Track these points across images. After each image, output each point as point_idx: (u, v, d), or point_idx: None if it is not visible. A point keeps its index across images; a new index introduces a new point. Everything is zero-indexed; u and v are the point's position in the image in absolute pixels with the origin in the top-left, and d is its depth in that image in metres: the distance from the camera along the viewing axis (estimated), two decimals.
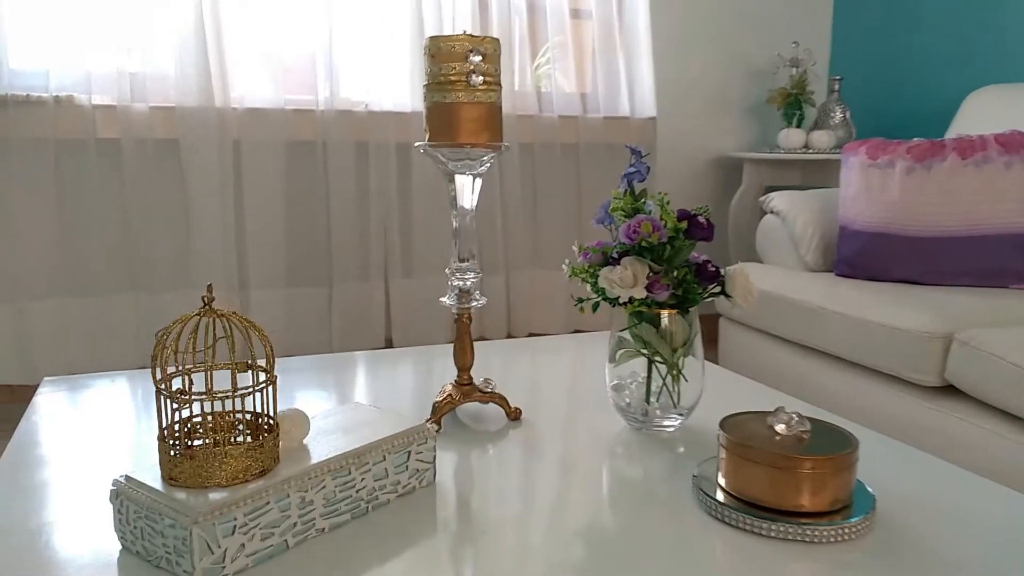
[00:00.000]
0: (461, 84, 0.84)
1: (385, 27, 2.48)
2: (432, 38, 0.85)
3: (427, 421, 0.91)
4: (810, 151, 2.92)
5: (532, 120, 2.68)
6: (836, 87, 3.03)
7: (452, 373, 0.96)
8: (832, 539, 0.66)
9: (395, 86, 2.50)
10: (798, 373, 2.02)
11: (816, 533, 0.65)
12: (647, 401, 0.90)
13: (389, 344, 2.58)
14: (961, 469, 0.84)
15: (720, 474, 0.72)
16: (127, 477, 0.63)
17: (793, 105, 3.01)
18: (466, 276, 0.92)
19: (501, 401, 0.96)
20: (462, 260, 0.92)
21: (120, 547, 0.65)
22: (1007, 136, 1.98)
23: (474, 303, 0.92)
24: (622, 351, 0.90)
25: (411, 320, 2.57)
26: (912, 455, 0.89)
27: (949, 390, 1.62)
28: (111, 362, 2.28)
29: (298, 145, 2.46)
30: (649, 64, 2.81)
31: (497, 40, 0.87)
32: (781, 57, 3.05)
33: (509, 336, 2.71)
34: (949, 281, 1.95)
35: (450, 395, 0.93)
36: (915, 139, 2.10)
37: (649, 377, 0.90)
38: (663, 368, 0.89)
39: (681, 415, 0.91)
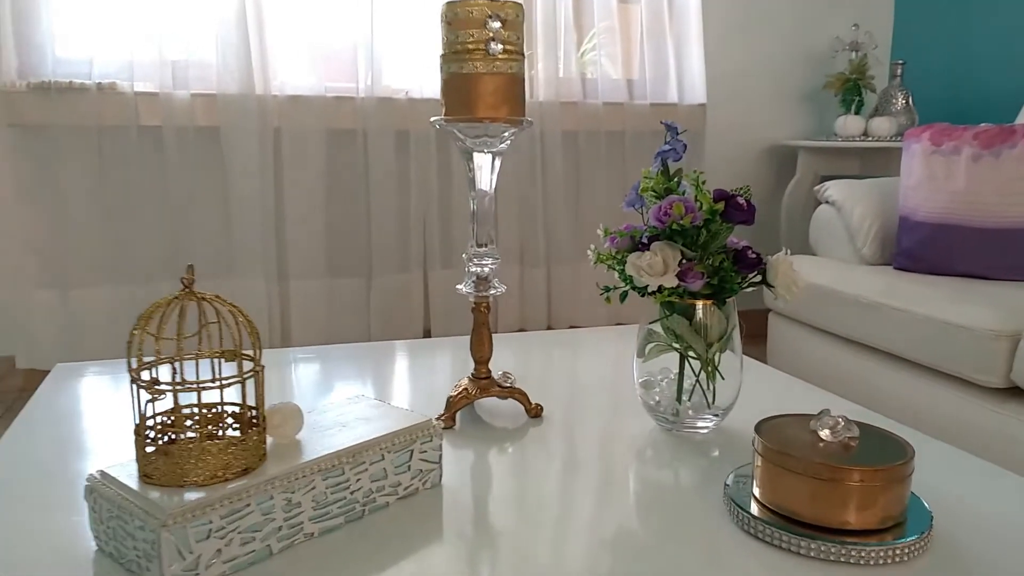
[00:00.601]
0: (479, 53, 0.78)
1: (427, 14, 2.43)
2: (448, 3, 0.79)
3: (440, 416, 0.85)
4: (869, 139, 2.78)
5: (576, 107, 2.60)
6: (898, 72, 2.88)
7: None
8: (881, 561, 0.57)
9: (436, 74, 2.45)
10: (852, 372, 1.90)
11: (863, 554, 0.57)
12: (678, 400, 0.83)
13: (427, 335, 2.54)
14: None
15: (755, 484, 0.64)
16: (102, 473, 0.59)
17: (852, 91, 2.87)
18: (484, 262, 0.85)
19: (521, 397, 0.89)
20: (480, 245, 0.86)
21: (95, 547, 0.60)
22: None
23: (492, 291, 0.86)
24: (652, 345, 0.82)
25: (450, 311, 2.52)
26: (977, 465, 0.80)
27: (1015, 392, 1.51)
28: (152, 349, 2.28)
29: (338, 133, 2.42)
30: (700, 49, 2.70)
31: (519, 5, 0.80)
32: (840, 40, 2.91)
33: (549, 329, 2.64)
34: (1017, 276, 1.82)
35: (466, 389, 0.87)
36: (983, 124, 1.96)
37: (681, 374, 0.82)
38: (696, 364, 0.81)
39: (716, 416, 0.83)
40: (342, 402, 0.74)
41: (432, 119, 0.84)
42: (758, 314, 2.84)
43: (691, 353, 0.81)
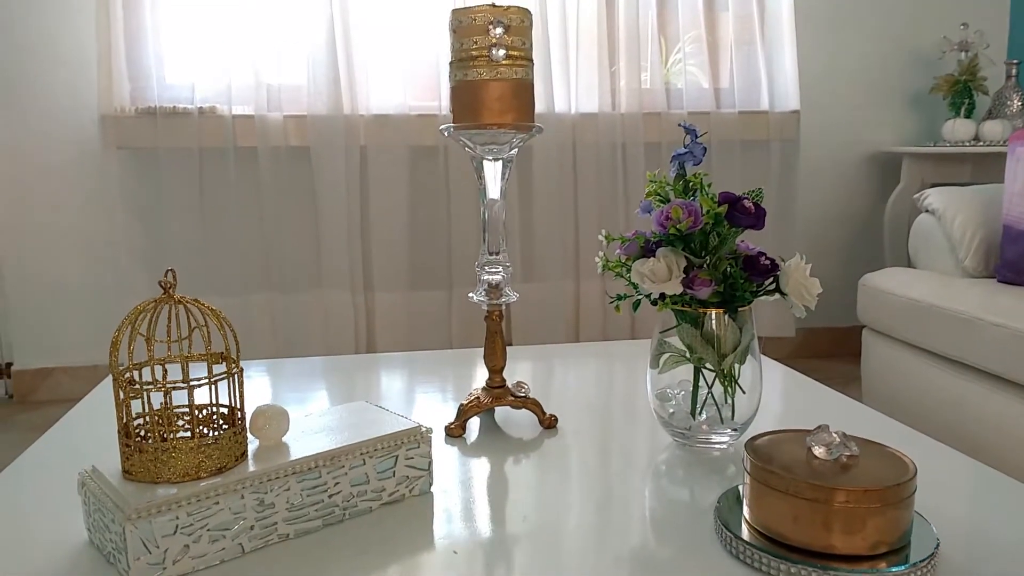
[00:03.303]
0: (483, 59, 0.77)
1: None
2: (454, 10, 0.79)
3: (450, 424, 0.85)
4: (980, 143, 2.59)
5: (660, 118, 2.56)
6: (1013, 72, 2.68)
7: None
8: None
9: None
10: (947, 392, 1.77)
11: None
12: (692, 414, 0.79)
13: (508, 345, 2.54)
14: None
15: (745, 504, 0.60)
16: (93, 468, 0.62)
17: (961, 94, 2.69)
18: (495, 270, 0.85)
19: (535, 407, 0.87)
20: (492, 253, 0.85)
21: (87, 538, 0.63)
22: None
23: (504, 299, 0.85)
24: (667, 356, 0.79)
25: (531, 323, 2.52)
26: (1014, 487, 0.72)
27: None
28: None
29: (421, 150, 2.47)
30: (792, 53, 2.60)
31: (526, 11, 0.79)
32: (948, 40, 2.73)
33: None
34: None
35: (478, 398, 0.86)
36: None
37: (696, 386, 0.78)
38: (712, 377, 0.77)
39: (735, 431, 0.79)
40: (338, 408, 0.74)
41: (441, 127, 0.84)
42: (854, 331, 2.70)
43: (707, 365, 0.77)
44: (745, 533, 0.59)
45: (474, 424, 0.90)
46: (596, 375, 1.16)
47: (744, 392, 0.78)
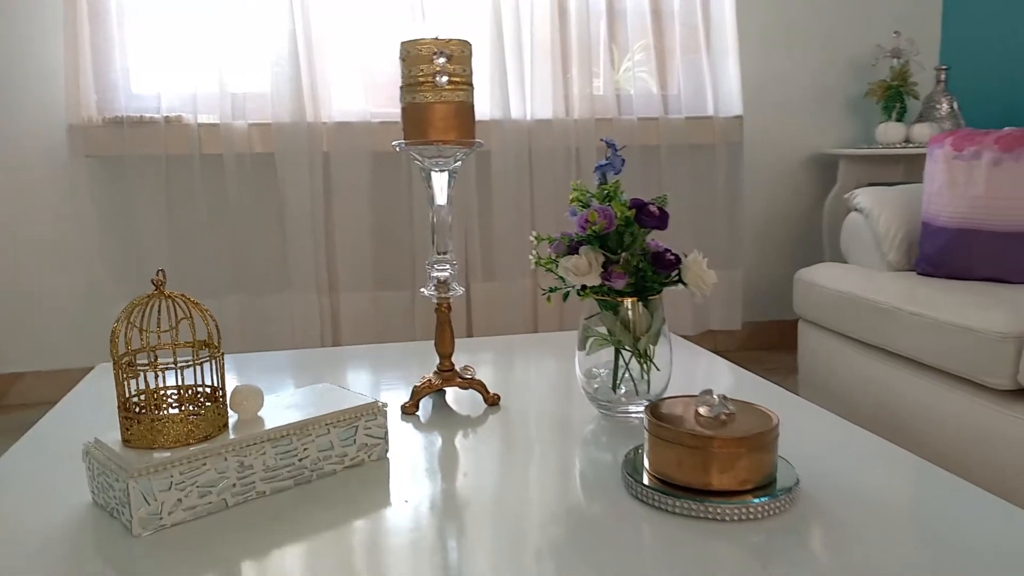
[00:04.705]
0: (428, 84, 0.89)
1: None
2: (403, 43, 0.91)
3: (405, 403, 0.97)
4: (911, 145, 2.77)
5: (611, 123, 2.69)
6: (942, 77, 2.86)
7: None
8: (738, 518, 0.66)
9: (476, 97, 2.58)
10: (873, 377, 1.92)
11: (718, 511, 0.66)
12: (613, 388, 0.92)
13: None
14: (924, 461, 0.81)
15: (646, 455, 0.73)
16: (96, 439, 0.73)
17: (894, 98, 2.86)
18: (444, 268, 0.97)
19: (480, 387, 1.00)
20: (440, 253, 0.97)
21: (91, 500, 0.74)
22: None
23: (451, 293, 0.97)
24: (592, 339, 0.92)
25: (492, 322, 2.64)
26: (871, 442, 0.86)
27: (1023, 394, 1.52)
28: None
29: (383, 156, 2.58)
30: (735, 61, 2.75)
31: (467, 42, 0.91)
32: (881, 48, 2.91)
33: None
34: None
35: (429, 381, 0.98)
36: (1006, 128, 1.96)
37: (616, 365, 0.91)
38: (630, 356, 0.90)
39: (649, 402, 0.92)
40: (305, 388, 0.86)
41: (393, 143, 0.95)
42: (789, 324, 2.86)
43: (625, 347, 0.90)
44: (645, 479, 0.72)
45: (427, 403, 1.02)
46: (537, 360, 1.28)
47: (658, 369, 0.91)
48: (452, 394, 1.05)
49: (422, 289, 0.98)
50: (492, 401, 1.00)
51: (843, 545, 0.64)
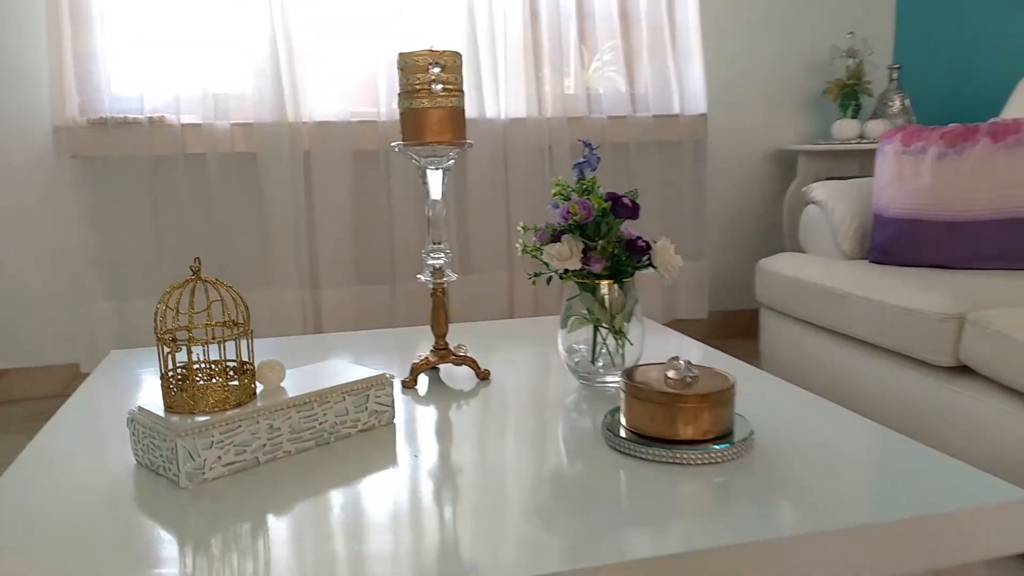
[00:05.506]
0: (425, 91, 1.00)
1: (441, 42, 2.66)
2: (401, 54, 1.01)
3: (405, 379, 1.08)
4: (865, 141, 2.92)
5: (582, 121, 2.81)
6: (895, 76, 3.02)
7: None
8: (700, 462, 0.77)
9: None
10: (829, 358, 2.07)
11: (685, 456, 0.77)
12: (592, 361, 1.03)
13: None
14: (860, 417, 0.93)
15: (622, 414, 0.85)
16: (139, 408, 0.82)
17: (849, 96, 3.02)
18: (439, 256, 1.07)
19: (472, 363, 1.11)
20: (435, 243, 1.08)
21: (135, 462, 0.84)
22: None
23: (445, 279, 1.08)
24: (573, 318, 1.03)
25: (469, 314, 2.74)
26: (821, 405, 0.98)
27: (964, 370, 1.65)
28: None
29: (363, 154, 2.67)
30: (700, 62, 2.88)
31: (457, 54, 1.02)
32: (837, 48, 3.06)
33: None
34: (981, 265, 1.96)
35: (426, 358, 1.09)
36: (951, 124, 2.11)
37: (595, 340, 1.02)
38: (607, 333, 1.02)
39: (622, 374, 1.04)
40: (322, 363, 0.96)
41: (392, 144, 1.06)
42: (751, 313, 3.01)
43: (603, 324, 1.02)
44: (622, 433, 0.83)
45: (424, 379, 1.12)
46: (519, 341, 1.39)
47: (631, 344, 1.02)
48: (446, 371, 1.16)
49: (419, 275, 1.08)
50: (483, 376, 1.11)
51: (789, 482, 0.76)
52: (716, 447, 0.78)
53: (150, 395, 1.06)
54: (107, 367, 1.24)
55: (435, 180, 1.06)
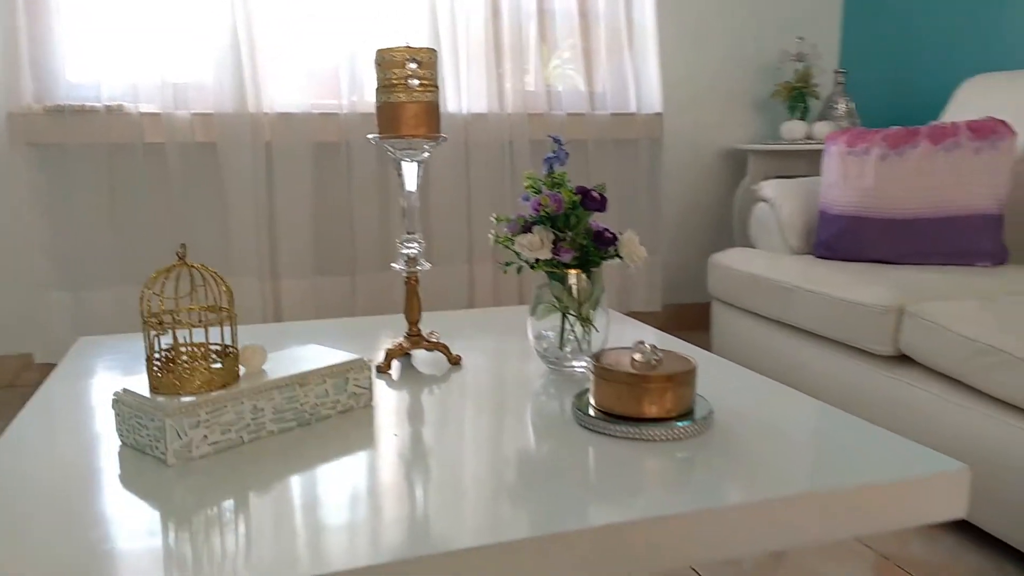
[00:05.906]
0: (401, 87, 1.03)
1: (404, 37, 2.69)
2: (379, 50, 1.04)
3: (380, 364, 1.11)
4: (811, 141, 3.03)
5: (542, 118, 2.86)
6: (841, 80, 3.14)
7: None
8: (663, 438, 0.83)
9: None
10: (778, 349, 2.16)
11: (650, 433, 0.83)
12: (560, 347, 1.08)
13: None
14: (809, 397, 1.00)
15: (591, 395, 0.90)
16: (124, 389, 0.84)
17: (797, 98, 3.13)
18: (413, 245, 1.11)
19: (444, 349, 1.15)
20: (409, 233, 1.11)
21: (120, 443, 0.86)
22: (979, 123, 2.09)
23: (419, 267, 1.11)
24: (542, 305, 1.08)
25: (431, 306, 2.76)
26: (779, 390, 1.05)
27: (904, 359, 1.75)
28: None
29: (324, 146, 2.68)
30: (656, 62, 2.96)
31: (433, 50, 1.06)
32: (787, 52, 3.17)
33: None
34: (920, 261, 2.07)
35: (400, 344, 1.13)
36: (893, 127, 2.21)
37: (563, 327, 1.07)
38: (574, 320, 1.07)
39: (590, 359, 1.09)
40: (302, 347, 1.00)
41: (368, 136, 1.09)
42: (703, 307, 3.10)
43: (571, 312, 1.07)
44: (591, 412, 0.88)
45: (396, 365, 1.16)
46: (489, 329, 1.44)
47: (597, 331, 1.08)
48: (418, 357, 1.20)
49: (393, 264, 1.12)
50: (455, 361, 1.15)
51: (745, 456, 0.82)
52: (679, 424, 0.84)
53: (130, 379, 1.08)
54: (77, 354, 1.25)
55: (410, 172, 1.10)
